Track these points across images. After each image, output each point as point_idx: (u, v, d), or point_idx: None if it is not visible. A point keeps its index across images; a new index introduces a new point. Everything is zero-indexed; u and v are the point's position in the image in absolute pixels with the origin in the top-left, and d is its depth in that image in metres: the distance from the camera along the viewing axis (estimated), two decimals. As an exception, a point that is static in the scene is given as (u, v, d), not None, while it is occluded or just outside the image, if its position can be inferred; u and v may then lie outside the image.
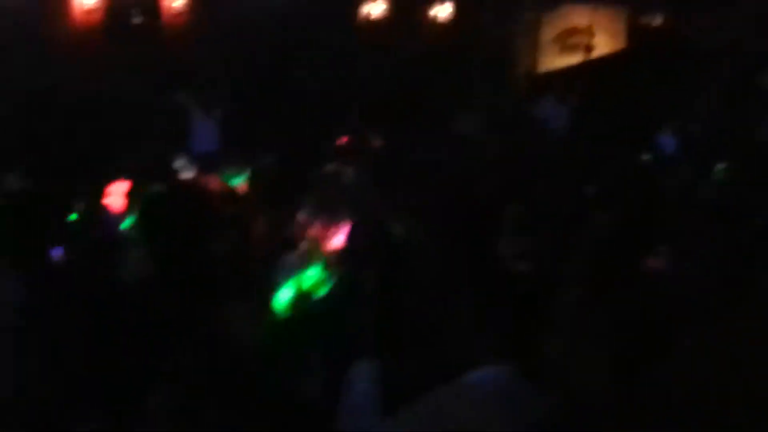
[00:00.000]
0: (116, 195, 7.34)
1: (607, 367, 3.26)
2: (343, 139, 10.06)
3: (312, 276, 4.57)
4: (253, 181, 7.57)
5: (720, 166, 8.15)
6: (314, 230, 4.60)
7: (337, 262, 4.53)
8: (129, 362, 4.61)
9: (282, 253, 4.90)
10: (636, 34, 15.20)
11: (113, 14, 11.02)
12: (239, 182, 7.52)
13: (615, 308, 3.51)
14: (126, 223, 6.68)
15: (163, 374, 4.47)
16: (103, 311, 5.09)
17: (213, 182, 7.35)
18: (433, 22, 14.43)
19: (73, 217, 7.46)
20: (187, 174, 7.93)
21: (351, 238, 4.66)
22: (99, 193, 7.48)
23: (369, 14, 13.74)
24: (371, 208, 6.34)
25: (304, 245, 4.66)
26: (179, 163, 8.06)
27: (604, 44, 15.14)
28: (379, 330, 4.29)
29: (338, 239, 4.60)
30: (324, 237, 4.59)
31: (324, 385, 4.19)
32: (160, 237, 5.56)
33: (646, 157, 9.44)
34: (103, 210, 7.36)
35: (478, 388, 3.06)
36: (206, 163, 8.29)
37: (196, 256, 5.47)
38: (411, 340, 4.18)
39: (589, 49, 14.99)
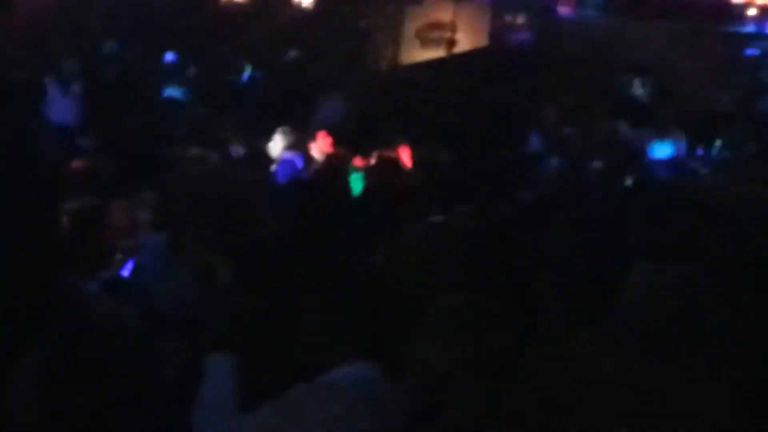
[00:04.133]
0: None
1: (478, 371, 3.24)
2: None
3: None
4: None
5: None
6: None
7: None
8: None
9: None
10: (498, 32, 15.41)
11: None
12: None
13: (488, 312, 3.52)
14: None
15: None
16: None
17: None
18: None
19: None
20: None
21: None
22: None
23: None
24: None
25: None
26: None
27: (466, 40, 15.26)
28: (235, 323, 4.12)
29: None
30: None
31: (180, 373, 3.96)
32: None
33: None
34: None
35: (341, 386, 2.95)
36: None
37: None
38: (269, 334, 4.04)
39: (451, 44, 15.08)
